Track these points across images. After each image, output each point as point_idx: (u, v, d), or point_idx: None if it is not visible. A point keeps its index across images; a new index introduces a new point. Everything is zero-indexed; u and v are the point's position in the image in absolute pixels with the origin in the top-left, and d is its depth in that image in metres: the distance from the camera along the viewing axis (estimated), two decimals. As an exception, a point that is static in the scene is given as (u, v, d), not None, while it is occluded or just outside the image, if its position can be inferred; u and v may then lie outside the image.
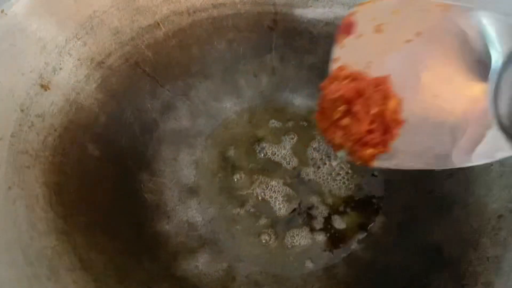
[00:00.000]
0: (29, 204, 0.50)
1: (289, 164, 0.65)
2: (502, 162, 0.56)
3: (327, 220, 0.61)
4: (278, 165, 0.65)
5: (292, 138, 0.68)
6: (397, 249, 0.54)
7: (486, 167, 0.58)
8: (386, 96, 0.39)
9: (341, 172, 0.64)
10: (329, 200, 0.62)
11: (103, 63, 0.65)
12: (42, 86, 0.58)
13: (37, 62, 0.58)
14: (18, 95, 0.55)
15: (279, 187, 0.63)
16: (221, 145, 0.66)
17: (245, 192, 0.62)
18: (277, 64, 0.74)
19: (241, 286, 0.53)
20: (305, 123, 0.70)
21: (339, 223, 0.61)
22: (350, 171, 0.64)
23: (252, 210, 0.60)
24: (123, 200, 0.58)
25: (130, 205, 0.58)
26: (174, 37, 0.71)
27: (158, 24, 0.70)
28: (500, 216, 0.53)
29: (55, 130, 0.57)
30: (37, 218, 0.49)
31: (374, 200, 0.62)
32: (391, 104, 0.39)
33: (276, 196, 0.62)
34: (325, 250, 0.59)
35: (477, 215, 0.55)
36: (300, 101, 0.73)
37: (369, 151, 0.40)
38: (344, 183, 0.63)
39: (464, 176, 0.59)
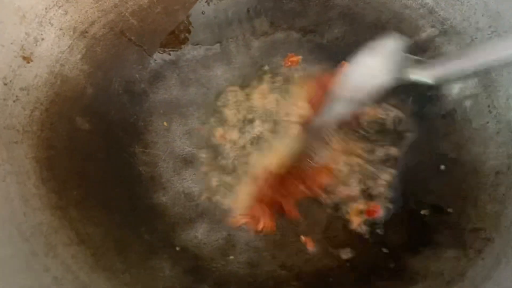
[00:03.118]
0: (20, 180, 0.48)
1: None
2: (498, 120, 0.56)
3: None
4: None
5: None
6: (397, 208, 0.55)
7: (483, 124, 0.57)
8: None
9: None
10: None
11: (86, 32, 0.62)
12: (24, 58, 0.55)
13: (17, 33, 0.55)
14: (0, 68, 0.52)
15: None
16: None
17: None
18: (267, 28, 0.72)
19: (241, 253, 0.53)
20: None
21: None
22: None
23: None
24: (117, 173, 0.57)
25: (125, 178, 0.57)
26: (159, 2, 0.68)
27: (142, -11, 0.67)
28: (498, 173, 0.53)
29: (41, 104, 0.55)
30: (30, 194, 0.48)
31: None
32: None
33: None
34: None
35: (475, 172, 0.55)
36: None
37: None
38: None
39: (460, 135, 0.59)
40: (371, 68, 0.45)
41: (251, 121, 0.63)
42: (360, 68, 0.46)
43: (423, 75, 0.43)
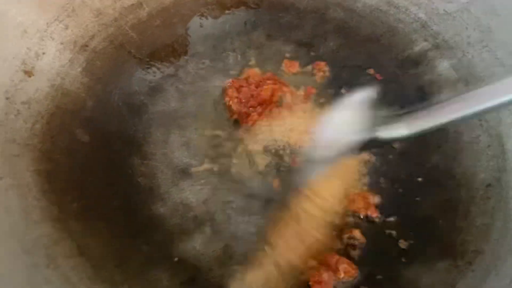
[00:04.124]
0: (21, 193, 0.49)
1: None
2: (489, 133, 0.58)
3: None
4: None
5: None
6: (388, 221, 0.56)
7: (474, 138, 0.59)
8: None
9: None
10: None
11: (86, 46, 0.63)
12: (25, 72, 0.56)
13: (19, 47, 0.57)
14: (2, 83, 0.54)
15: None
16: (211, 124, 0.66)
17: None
18: (264, 40, 0.73)
19: (239, 264, 0.54)
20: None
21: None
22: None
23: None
24: (116, 185, 0.58)
25: (123, 189, 0.58)
26: (158, 16, 0.70)
27: (141, 3, 0.69)
28: (488, 186, 0.55)
29: (42, 117, 0.56)
30: (31, 207, 0.49)
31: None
32: None
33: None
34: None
35: (466, 185, 0.56)
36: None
37: None
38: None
39: (452, 147, 0.60)
40: (342, 125, 0.45)
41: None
42: (331, 124, 0.46)
43: (394, 132, 0.43)
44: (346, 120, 0.44)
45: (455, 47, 0.64)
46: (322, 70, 0.68)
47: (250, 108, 0.63)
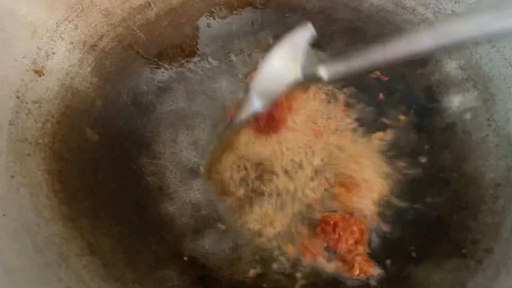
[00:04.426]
0: (33, 192, 0.49)
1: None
2: (497, 133, 0.58)
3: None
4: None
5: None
6: (399, 220, 0.56)
7: (482, 137, 0.59)
8: None
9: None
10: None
11: (96, 46, 0.63)
12: (36, 71, 0.56)
13: (29, 47, 0.57)
14: (13, 82, 0.54)
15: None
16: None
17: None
18: (271, 41, 0.74)
19: (248, 263, 0.54)
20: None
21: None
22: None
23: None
24: (125, 184, 0.58)
25: (133, 188, 0.58)
26: (166, 16, 0.70)
27: (149, 3, 0.69)
28: (498, 185, 0.55)
29: (53, 116, 0.56)
30: (42, 206, 0.49)
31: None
32: None
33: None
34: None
35: (475, 184, 0.56)
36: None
37: None
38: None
39: (461, 147, 0.60)
40: (282, 64, 0.47)
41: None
42: (271, 63, 0.49)
43: (332, 71, 0.46)
44: (286, 58, 0.47)
45: (463, 47, 0.64)
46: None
47: None
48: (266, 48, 0.72)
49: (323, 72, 0.46)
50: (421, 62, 0.67)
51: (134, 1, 0.67)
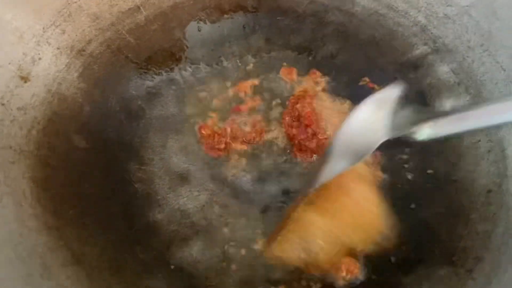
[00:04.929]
0: (17, 200, 0.49)
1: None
2: (490, 138, 0.57)
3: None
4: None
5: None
6: (389, 227, 0.55)
7: (474, 143, 0.58)
8: None
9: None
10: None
11: (83, 50, 0.63)
12: (21, 77, 0.56)
13: (15, 53, 0.56)
14: (-3, 89, 0.53)
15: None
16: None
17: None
18: (262, 44, 0.73)
19: (237, 271, 0.53)
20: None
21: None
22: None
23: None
24: (113, 191, 0.57)
25: (120, 195, 0.57)
26: (155, 20, 0.69)
27: (139, 7, 0.68)
28: (489, 191, 0.54)
29: (39, 123, 0.55)
30: (26, 215, 0.49)
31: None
32: None
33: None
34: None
35: (466, 190, 0.55)
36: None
37: None
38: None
39: (453, 152, 0.59)
40: (370, 123, 0.42)
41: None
42: (358, 122, 0.44)
43: (426, 133, 0.41)
44: (372, 118, 0.42)
45: (455, 51, 0.63)
46: (315, 81, 0.68)
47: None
48: (258, 52, 0.72)
49: (418, 133, 0.41)
50: (413, 66, 0.66)
51: (123, 5, 0.66)
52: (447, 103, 0.62)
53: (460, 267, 0.50)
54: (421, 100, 0.64)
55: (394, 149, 0.60)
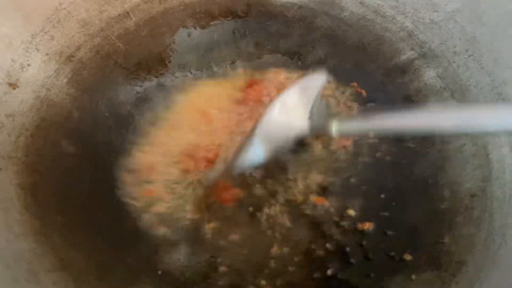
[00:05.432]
0: (4, 207, 0.49)
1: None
2: (474, 142, 0.58)
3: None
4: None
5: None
6: (374, 231, 0.55)
7: (460, 147, 0.59)
8: None
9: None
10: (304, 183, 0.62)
11: (72, 56, 0.63)
12: (10, 84, 0.56)
13: (3, 59, 0.56)
14: (-15, 96, 0.54)
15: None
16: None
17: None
18: (252, 49, 0.73)
19: (224, 275, 0.54)
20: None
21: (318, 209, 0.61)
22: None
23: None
24: (101, 197, 0.57)
25: (108, 200, 0.58)
26: (145, 26, 0.70)
27: (128, 13, 0.68)
28: (473, 196, 0.54)
29: (27, 130, 0.56)
30: (13, 221, 0.49)
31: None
32: None
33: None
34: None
35: (451, 194, 0.56)
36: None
37: None
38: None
39: (438, 156, 0.60)
40: (290, 113, 0.42)
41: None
42: (278, 112, 0.44)
43: (342, 128, 0.41)
44: (295, 106, 0.42)
45: (441, 56, 0.64)
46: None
47: None
48: (248, 57, 0.72)
49: (333, 127, 0.41)
50: (400, 70, 0.67)
51: (113, 11, 0.67)
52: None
53: (443, 271, 0.50)
54: (408, 105, 0.65)
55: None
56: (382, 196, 0.58)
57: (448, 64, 0.63)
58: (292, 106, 0.42)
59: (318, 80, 0.42)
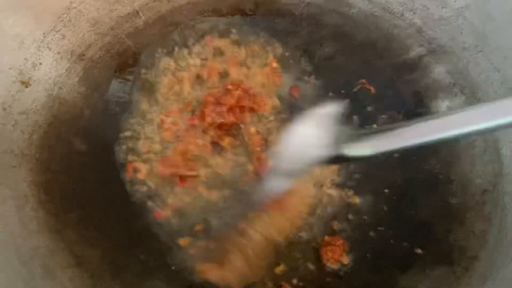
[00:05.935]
0: (19, 204, 0.49)
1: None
2: (485, 138, 0.58)
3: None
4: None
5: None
6: (386, 227, 0.56)
7: (470, 143, 0.59)
8: None
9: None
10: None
11: (83, 55, 0.63)
12: (22, 82, 0.57)
13: (16, 58, 0.57)
14: (-1, 94, 0.54)
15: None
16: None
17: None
18: (260, 47, 0.74)
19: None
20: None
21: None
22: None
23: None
24: (113, 194, 0.58)
25: (120, 198, 0.58)
26: (154, 24, 0.70)
27: (138, 12, 0.69)
28: (484, 191, 0.55)
29: (40, 127, 0.56)
30: (28, 218, 0.49)
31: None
32: None
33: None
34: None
35: (462, 190, 0.56)
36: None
37: None
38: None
39: (449, 152, 0.60)
40: (307, 140, 0.41)
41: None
42: (295, 140, 0.43)
43: (360, 150, 0.40)
44: (311, 134, 0.41)
45: (450, 52, 0.64)
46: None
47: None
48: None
49: (350, 151, 0.40)
50: (409, 67, 0.67)
51: (122, 10, 0.67)
52: (443, 104, 0.63)
53: (456, 266, 0.50)
54: (417, 101, 0.65)
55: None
56: (392, 192, 0.58)
57: (457, 60, 0.63)
58: (307, 135, 0.42)
59: (331, 107, 0.42)
